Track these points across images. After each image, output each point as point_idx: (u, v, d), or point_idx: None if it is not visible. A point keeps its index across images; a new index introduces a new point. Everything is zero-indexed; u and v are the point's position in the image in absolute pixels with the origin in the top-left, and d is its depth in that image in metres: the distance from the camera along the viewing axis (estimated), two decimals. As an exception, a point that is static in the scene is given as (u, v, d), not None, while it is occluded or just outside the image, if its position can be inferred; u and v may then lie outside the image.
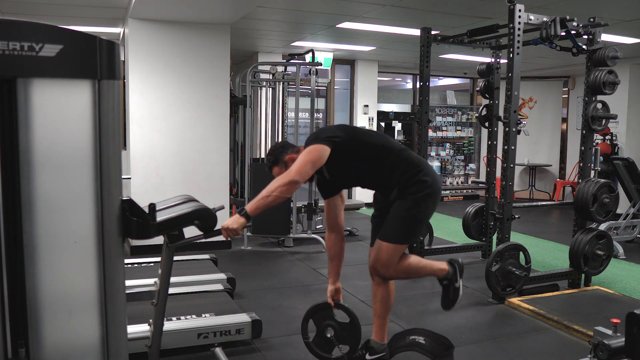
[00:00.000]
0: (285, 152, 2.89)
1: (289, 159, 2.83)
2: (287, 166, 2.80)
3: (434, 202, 2.88)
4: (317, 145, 2.73)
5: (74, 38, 1.44)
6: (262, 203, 2.56)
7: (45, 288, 1.46)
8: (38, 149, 1.42)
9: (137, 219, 1.63)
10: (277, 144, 3.01)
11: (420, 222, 2.90)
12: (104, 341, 1.55)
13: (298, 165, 2.67)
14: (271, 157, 2.91)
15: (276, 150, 2.92)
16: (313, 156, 2.71)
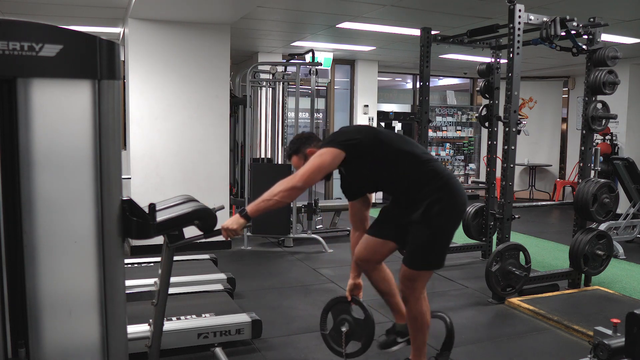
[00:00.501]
0: (309, 144, 2.79)
1: (310, 152, 2.74)
2: (306, 158, 2.72)
3: (458, 218, 2.78)
4: (331, 149, 2.63)
5: (74, 38, 1.45)
6: (262, 206, 2.55)
7: (45, 288, 1.46)
8: (38, 149, 1.42)
9: (137, 219, 1.63)
10: (303, 134, 2.91)
11: (447, 245, 2.78)
12: (104, 341, 1.55)
13: (305, 170, 2.60)
14: (293, 145, 2.82)
15: (300, 140, 2.83)
16: (322, 161, 2.62)
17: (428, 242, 2.69)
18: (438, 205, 2.64)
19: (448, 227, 2.71)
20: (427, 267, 2.76)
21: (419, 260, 2.73)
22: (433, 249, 2.72)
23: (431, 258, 2.73)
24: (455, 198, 2.70)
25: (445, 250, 2.78)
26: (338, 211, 7.13)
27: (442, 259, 2.76)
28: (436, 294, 4.65)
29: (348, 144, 2.66)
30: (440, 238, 2.71)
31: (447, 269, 5.41)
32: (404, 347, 3.06)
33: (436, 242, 2.70)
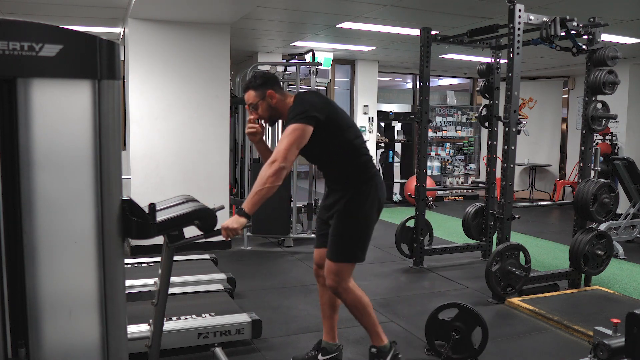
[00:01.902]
0: (271, 86, 2.75)
1: (270, 94, 2.72)
2: (263, 98, 2.72)
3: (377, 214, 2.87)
4: (303, 125, 2.60)
5: (74, 38, 1.44)
6: (257, 198, 2.53)
7: (45, 288, 1.46)
8: (38, 149, 1.42)
9: (137, 219, 1.63)
10: (269, 74, 2.85)
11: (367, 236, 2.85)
12: (104, 341, 1.55)
13: (283, 149, 2.56)
14: (257, 80, 2.75)
15: (265, 77, 2.77)
16: (297, 137, 2.59)
17: (350, 234, 2.77)
18: (363, 197, 2.76)
19: (370, 220, 2.81)
20: (349, 259, 2.81)
21: (341, 252, 2.80)
22: (355, 240, 2.79)
23: (354, 249, 2.81)
24: (379, 193, 2.82)
25: (367, 244, 2.85)
26: (338, 211, 7.12)
27: (363, 252, 2.85)
28: (436, 294, 4.65)
29: (315, 118, 2.64)
30: (363, 230, 2.79)
31: (447, 268, 5.43)
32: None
33: (358, 233, 2.78)
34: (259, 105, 2.75)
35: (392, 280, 5.03)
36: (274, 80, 2.80)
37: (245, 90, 2.79)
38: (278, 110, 2.78)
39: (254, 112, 2.77)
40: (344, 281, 2.81)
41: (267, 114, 2.78)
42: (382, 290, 4.71)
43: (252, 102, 2.75)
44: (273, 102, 2.74)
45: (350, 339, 3.58)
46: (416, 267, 5.43)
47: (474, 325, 3.22)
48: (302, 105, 2.67)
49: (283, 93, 2.80)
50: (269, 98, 2.73)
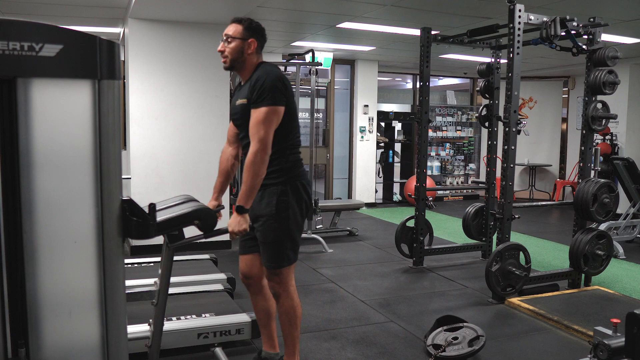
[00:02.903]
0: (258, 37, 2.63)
1: (251, 42, 2.60)
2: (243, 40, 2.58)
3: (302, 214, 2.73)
4: (276, 107, 2.52)
5: (74, 38, 1.44)
6: (252, 193, 2.51)
7: (45, 288, 1.46)
8: (38, 149, 1.42)
9: (137, 219, 1.63)
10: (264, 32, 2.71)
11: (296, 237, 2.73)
12: (104, 341, 1.55)
13: (264, 136, 2.49)
14: (251, 23, 2.64)
15: (259, 27, 2.66)
16: (273, 120, 2.52)
17: (281, 237, 2.65)
18: (292, 196, 2.64)
19: (298, 219, 2.70)
20: (285, 263, 2.70)
21: (276, 258, 2.69)
22: (286, 243, 2.68)
23: (288, 252, 2.70)
24: (308, 191, 2.73)
25: (298, 243, 2.75)
26: (338, 211, 7.13)
27: (296, 252, 2.75)
28: (436, 294, 4.65)
29: (283, 101, 2.57)
30: (293, 230, 2.68)
31: (447, 268, 5.43)
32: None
33: (289, 236, 2.67)
34: (234, 42, 2.59)
35: (392, 280, 5.03)
36: (264, 36, 2.69)
37: (234, 21, 2.64)
38: (244, 61, 2.63)
39: (224, 44, 2.62)
40: (286, 284, 2.73)
41: (234, 56, 2.61)
42: (382, 290, 4.71)
43: (232, 35, 2.60)
44: (248, 50, 2.61)
45: (350, 339, 3.59)
46: (416, 267, 5.43)
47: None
48: (273, 82, 2.53)
49: (259, 54, 2.67)
50: (247, 44, 2.60)
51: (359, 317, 4.02)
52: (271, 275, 2.73)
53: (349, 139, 9.68)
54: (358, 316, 4.04)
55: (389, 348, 3.47)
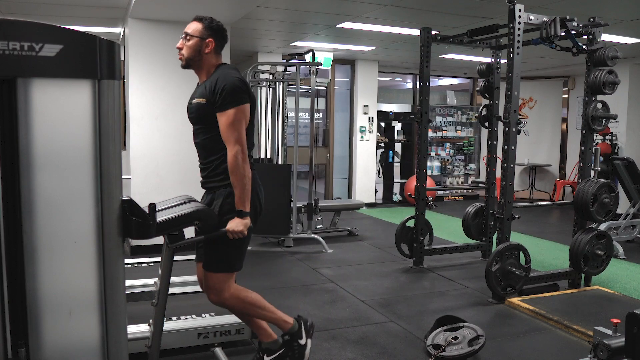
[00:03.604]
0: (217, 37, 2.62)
1: (209, 42, 2.58)
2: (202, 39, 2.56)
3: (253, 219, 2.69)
4: (241, 107, 2.50)
5: (74, 38, 1.45)
6: (246, 194, 2.52)
7: (45, 288, 1.46)
8: (38, 149, 1.42)
9: (137, 219, 1.63)
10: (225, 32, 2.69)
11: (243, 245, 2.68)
12: (104, 341, 1.55)
13: (239, 137, 2.49)
14: (212, 22, 2.63)
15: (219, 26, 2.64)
16: (242, 119, 2.51)
17: (225, 240, 2.58)
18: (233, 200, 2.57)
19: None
20: (227, 268, 2.65)
21: (217, 262, 2.63)
22: (231, 247, 2.62)
23: (231, 258, 2.64)
24: (257, 195, 2.69)
25: (244, 250, 2.69)
26: (338, 211, 7.14)
27: (241, 259, 2.69)
28: (436, 294, 4.65)
29: (248, 99, 2.55)
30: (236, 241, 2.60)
31: (447, 268, 5.43)
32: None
33: (235, 241, 2.60)
34: (192, 40, 2.57)
35: (392, 280, 5.03)
36: (224, 37, 2.67)
37: (195, 19, 2.62)
38: (201, 60, 2.60)
39: (182, 42, 2.60)
40: (225, 292, 2.66)
41: (191, 54, 2.58)
42: (382, 290, 4.71)
43: (190, 33, 2.58)
44: (205, 50, 2.59)
45: (350, 339, 3.59)
46: (416, 267, 5.43)
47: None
48: (234, 84, 2.50)
49: (219, 55, 2.65)
50: (205, 44, 2.58)
51: (359, 317, 4.02)
52: (208, 280, 2.67)
53: (349, 139, 9.68)
54: (358, 316, 4.04)
55: (389, 348, 3.47)
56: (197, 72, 2.68)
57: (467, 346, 3.26)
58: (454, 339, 3.32)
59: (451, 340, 3.30)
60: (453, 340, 3.31)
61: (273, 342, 2.92)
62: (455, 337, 3.34)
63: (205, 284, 2.72)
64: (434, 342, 3.36)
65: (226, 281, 2.67)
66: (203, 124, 2.62)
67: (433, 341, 3.37)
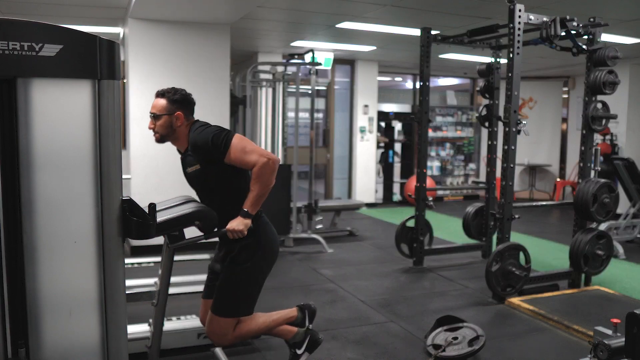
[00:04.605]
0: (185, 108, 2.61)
1: (178, 116, 2.57)
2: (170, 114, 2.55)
3: (268, 265, 2.68)
4: (234, 134, 2.53)
5: (74, 38, 1.45)
6: (259, 200, 2.52)
7: (45, 288, 1.46)
8: (38, 149, 1.42)
9: (137, 219, 1.63)
10: (191, 98, 2.70)
11: (256, 290, 2.67)
12: (104, 341, 1.55)
13: (259, 150, 2.50)
14: (175, 94, 2.61)
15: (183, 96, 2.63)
16: (244, 140, 2.53)
17: (237, 285, 2.58)
18: (256, 244, 2.59)
19: (261, 270, 2.65)
20: (233, 313, 2.63)
21: (224, 305, 2.61)
22: (242, 292, 2.62)
23: (239, 303, 2.63)
24: (273, 244, 2.68)
25: (256, 297, 2.68)
26: (338, 211, 7.13)
27: (251, 305, 2.68)
28: (436, 294, 4.65)
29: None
30: (252, 281, 2.62)
31: (447, 268, 5.43)
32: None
33: (246, 285, 2.60)
34: (161, 119, 2.57)
35: (392, 280, 5.03)
36: (190, 104, 2.67)
37: (158, 96, 2.61)
38: (175, 134, 2.61)
39: (152, 122, 2.59)
40: (229, 335, 2.66)
41: (164, 131, 2.59)
42: (382, 290, 4.71)
43: (157, 113, 2.57)
44: (177, 123, 2.59)
45: (350, 339, 3.59)
46: (416, 267, 5.42)
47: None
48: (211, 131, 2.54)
49: (189, 119, 2.65)
50: (174, 118, 2.58)
51: (359, 317, 4.02)
52: (212, 322, 2.65)
53: (349, 139, 9.68)
54: (358, 316, 4.04)
55: (389, 348, 3.47)
56: (174, 144, 2.68)
57: (467, 346, 3.26)
58: (454, 339, 3.32)
59: (451, 340, 3.30)
60: (453, 340, 3.31)
61: (296, 334, 2.94)
62: (455, 337, 3.34)
63: (210, 327, 2.68)
64: (434, 342, 3.36)
65: (231, 326, 2.66)
66: (208, 188, 2.62)
67: (433, 341, 3.37)
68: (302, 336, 2.94)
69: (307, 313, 2.98)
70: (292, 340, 2.92)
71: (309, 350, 2.94)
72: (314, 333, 2.97)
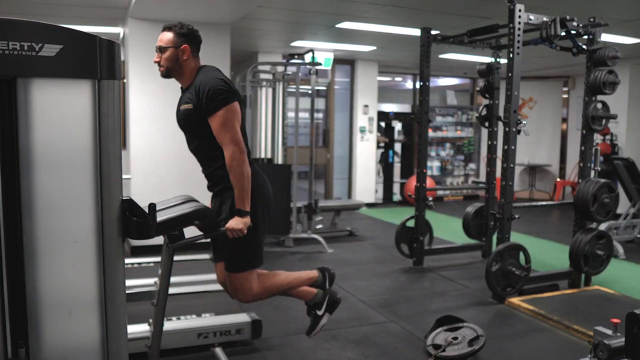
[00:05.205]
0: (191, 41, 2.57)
1: (184, 49, 2.55)
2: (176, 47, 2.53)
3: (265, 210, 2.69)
4: (230, 106, 2.50)
5: (74, 38, 1.44)
6: (245, 192, 2.52)
7: (45, 288, 1.46)
8: (38, 149, 1.42)
9: (137, 219, 1.63)
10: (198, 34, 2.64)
11: (260, 239, 2.71)
12: (104, 341, 1.55)
13: (235, 137, 2.49)
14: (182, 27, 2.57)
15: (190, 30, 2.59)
16: (236, 118, 2.52)
17: (241, 238, 2.57)
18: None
19: (258, 221, 2.65)
20: (247, 267, 2.68)
21: (237, 263, 2.66)
22: (247, 246, 2.64)
23: (249, 257, 2.67)
24: (264, 188, 2.69)
25: (262, 246, 2.71)
26: (338, 211, 7.13)
27: (260, 256, 2.70)
28: (436, 294, 4.65)
29: (235, 98, 2.53)
30: (253, 230, 2.62)
31: (447, 268, 5.43)
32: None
33: (249, 238, 2.61)
34: (167, 51, 2.56)
35: (392, 280, 5.03)
36: (197, 40, 2.64)
37: (165, 29, 2.59)
38: (181, 69, 2.59)
39: (158, 55, 2.58)
40: (253, 289, 2.70)
41: (170, 64, 2.57)
42: (382, 290, 4.71)
43: (163, 45, 2.56)
44: (183, 57, 2.57)
45: (350, 339, 3.59)
46: (416, 267, 5.43)
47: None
48: (217, 85, 2.50)
49: (197, 57, 2.63)
50: (181, 51, 2.56)
51: (359, 317, 4.02)
52: (232, 282, 2.69)
53: (349, 139, 9.68)
54: (358, 316, 4.04)
55: (389, 348, 3.47)
56: (179, 80, 2.67)
57: (467, 346, 3.26)
58: (454, 339, 3.32)
59: (451, 340, 3.30)
60: (453, 340, 3.31)
61: (315, 295, 2.97)
62: (455, 337, 3.34)
63: (231, 287, 2.71)
64: (434, 342, 3.36)
65: (252, 279, 2.70)
66: (194, 131, 2.63)
67: (433, 341, 3.37)
68: (321, 297, 2.96)
69: (327, 275, 3.00)
70: (312, 301, 2.95)
71: (329, 311, 2.96)
72: (333, 293, 2.99)
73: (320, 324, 2.96)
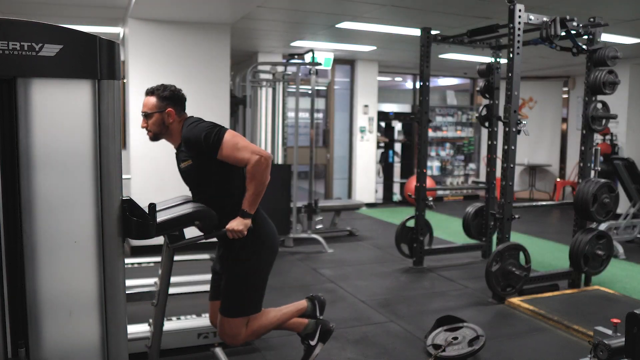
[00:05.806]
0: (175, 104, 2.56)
1: (169, 112, 2.53)
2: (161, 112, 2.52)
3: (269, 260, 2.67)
4: (227, 130, 2.50)
5: (74, 38, 1.44)
6: (257, 199, 2.51)
7: (45, 288, 1.46)
8: (38, 149, 1.42)
9: (137, 219, 1.63)
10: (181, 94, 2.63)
11: (261, 287, 2.67)
12: (104, 341, 1.55)
13: (252, 147, 2.48)
14: (164, 90, 2.56)
15: (173, 92, 2.58)
16: (237, 137, 2.50)
17: (242, 285, 2.57)
18: (257, 239, 2.58)
19: (265, 265, 2.64)
20: (242, 312, 2.63)
21: (235, 307, 2.62)
22: (248, 291, 2.61)
23: (246, 302, 2.63)
24: (270, 232, 2.66)
25: (262, 292, 2.67)
26: (338, 211, 7.13)
27: (258, 303, 2.67)
28: (436, 294, 4.65)
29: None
30: (257, 277, 2.61)
31: (447, 268, 5.43)
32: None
33: (252, 282, 2.60)
34: (152, 117, 2.55)
35: (392, 280, 5.03)
36: (181, 100, 2.62)
37: (148, 94, 2.58)
38: (169, 130, 2.58)
39: (144, 121, 2.58)
40: (242, 335, 2.67)
41: (157, 129, 2.57)
42: (382, 290, 4.71)
43: (148, 111, 2.55)
44: (169, 120, 2.56)
45: (350, 339, 3.59)
46: (416, 267, 5.43)
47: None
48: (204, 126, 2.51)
49: (181, 115, 2.61)
50: (166, 115, 2.55)
51: (359, 317, 4.02)
52: (223, 324, 2.65)
53: (349, 139, 9.68)
54: (358, 316, 4.05)
55: (389, 348, 3.47)
56: (169, 140, 2.66)
57: (467, 346, 3.26)
58: (454, 339, 3.32)
59: (451, 340, 3.31)
60: (453, 340, 3.31)
61: (307, 326, 2.95)
62: (455, 337, 3.34)
63: (221, 329, 2.68)
64: (434, 342, 3.36)
65: (242, 325, 2.66)
66: (204, 180, 2.59)
67: (433, 341, 3.37)
68: (313, 327, 2.94)
69: (317, 303, 2.98)
70: (304, 332, 2.93)
71: (322, 341, 2.94)
72: (325, 322, 2.97)
73: (313, 354, 2.92)
